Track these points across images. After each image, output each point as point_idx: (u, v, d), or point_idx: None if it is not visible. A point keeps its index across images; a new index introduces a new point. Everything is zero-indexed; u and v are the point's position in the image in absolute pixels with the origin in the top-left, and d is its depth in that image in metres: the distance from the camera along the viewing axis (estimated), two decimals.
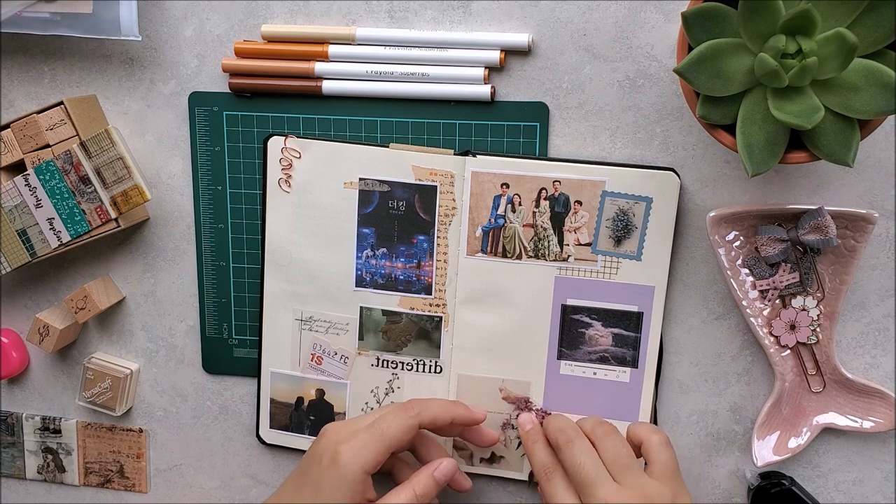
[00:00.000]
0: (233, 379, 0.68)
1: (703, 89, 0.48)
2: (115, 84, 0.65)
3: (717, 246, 0.58)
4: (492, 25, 0.60)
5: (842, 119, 0.47)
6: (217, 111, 0.64)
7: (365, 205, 0.62)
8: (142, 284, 0.68)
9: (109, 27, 0.60)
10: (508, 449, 0.64)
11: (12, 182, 0.61)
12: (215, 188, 0.65)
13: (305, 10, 0.61)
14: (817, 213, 0.55)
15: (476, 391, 0.64)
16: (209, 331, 0.67)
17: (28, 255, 0.63)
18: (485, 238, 0.61)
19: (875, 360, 0.60)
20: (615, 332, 0.61)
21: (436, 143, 0.62)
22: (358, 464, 0.54)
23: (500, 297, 0.62)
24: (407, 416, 0.57)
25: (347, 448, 0.55)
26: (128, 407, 0.69)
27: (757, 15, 0.45)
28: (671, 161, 0.60)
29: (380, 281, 0.63)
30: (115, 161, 0.60)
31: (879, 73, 0.45)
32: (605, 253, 0.60)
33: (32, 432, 0.71)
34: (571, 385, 0.62)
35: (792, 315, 0.59)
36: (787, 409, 0.61)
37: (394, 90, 0.61)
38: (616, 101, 0.59)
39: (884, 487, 0.62)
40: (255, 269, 0.66)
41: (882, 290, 0.59)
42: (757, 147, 0.48)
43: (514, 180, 0.60)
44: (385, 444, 0.55)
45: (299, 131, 0.63)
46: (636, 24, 0.58)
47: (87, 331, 0.69)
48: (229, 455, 0.70)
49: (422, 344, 0.64)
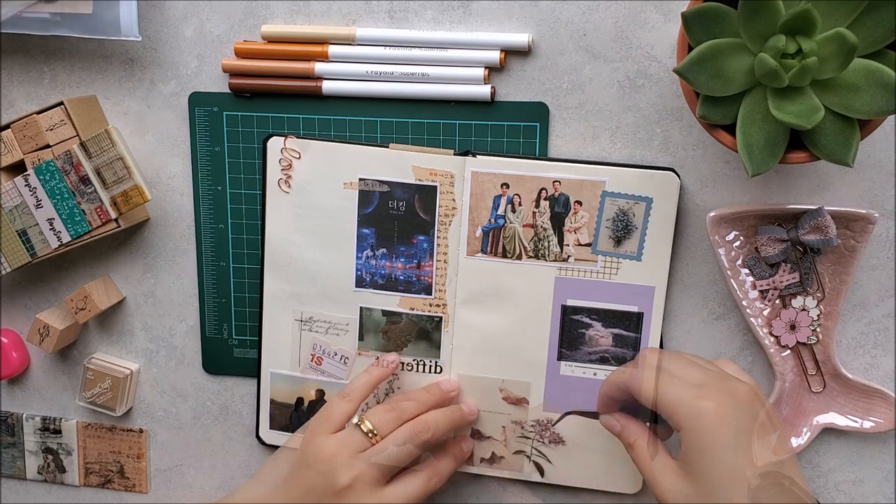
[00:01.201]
0: (233, 379, 0.68)
1: (703, 89, 0.48)
2: (115, 84, 0.65)
3: (717, 246, 0.58)
4: (492, 25, 0.60)
5: (842, 119, 0.47)
6: (217, 111, 0.64)
7: (365, 205, 0.62)
8: (142, 285, 0.68)
9: (109, 27, 0.60)
10: (508, 449, 0.64)
11: (12, 182, 0.61)
12: (215, 188, 0.65)
13: (305, 10, 0.61)
14: (817, 213, 0.55)
15: (476, 391, 0.64)
16: (209, 331, 0.67)
17: (28, 255, 0.63)
18: (485, 238, 0.61)
19: (875, 360, 0.60)
20: (615, 332, 0.61)
21: (436, 143, 0.62)
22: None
23: (500, 297, 0.62)
24: (417, 442, 0.58)
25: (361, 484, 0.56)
26: (128, 407, 0.69)
27: (757, 15, 0.45)
28: (671, 161, 0.60)
29: (380, 281, 0.63)
30: (115, 161, 0.60)
31: (879, 73, 0.45)
32: (605, 253, 0.60)
33: (33, 432, 0.71)
34: (572, 385, 0.62)
35: (792, 315, 0.59)
36: (788, 409, 0.61)
37: (394, 90, 0.61)
38: (616, 101, 0.59)
39: (884, 487, 0.62)
40: (255, 270, 0.66)
41: (882, 290, 0.59)
42: (757, 147, 0.48)
43: (514, 180, 0.60)
44: (391, 470, 0.57)
45: (299, 131, 0.63)
46: (636, 24, 0.58)
47: (88, 331, 0.69)
48: (229, 455, 0.70)
49: (422, 344, 0.64)
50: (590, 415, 0.57)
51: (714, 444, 0.46)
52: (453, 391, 0.63)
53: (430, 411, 0.60)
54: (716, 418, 0.46)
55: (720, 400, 0.47)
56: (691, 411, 0.47)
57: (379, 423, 0.58)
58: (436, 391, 0.62)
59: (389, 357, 0.63)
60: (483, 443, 0.64)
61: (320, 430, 0.58)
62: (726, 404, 0.47)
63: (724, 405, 0.47)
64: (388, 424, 0.58)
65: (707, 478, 0.46)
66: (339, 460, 0.56)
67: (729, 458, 0.46)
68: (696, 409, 0.47)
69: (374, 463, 0.56)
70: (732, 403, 0.47)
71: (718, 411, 0.46)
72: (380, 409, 0.59)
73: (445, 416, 0.60)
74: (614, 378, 0.53)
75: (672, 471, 0.49)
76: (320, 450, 0.57)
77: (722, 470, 0.46)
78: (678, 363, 0.51)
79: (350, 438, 0.57)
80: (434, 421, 0.59)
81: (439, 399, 0.62)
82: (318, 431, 0.58)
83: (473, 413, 0.63)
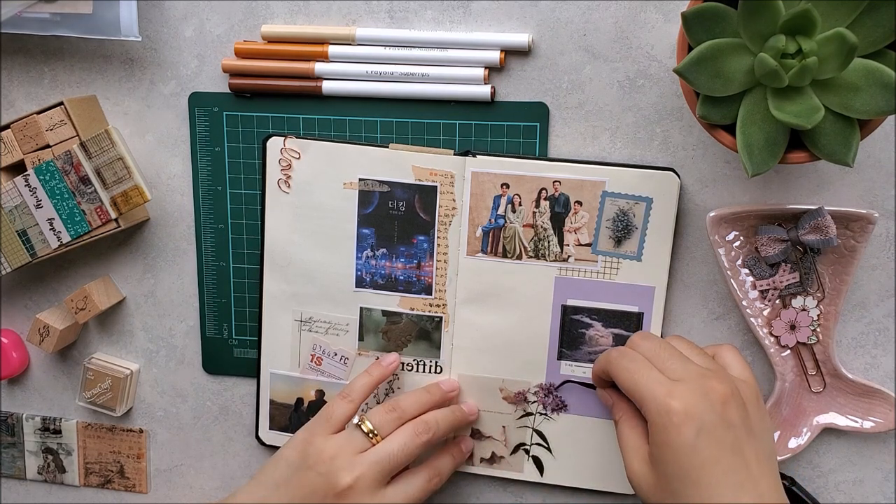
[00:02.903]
0: (233, 379, 0.68)
1: (703, 89, 0.48)
2: (115, 84, 0.65)
3: (717, 246, 0.58)
4: (492, 25, 0.60)
5: (842, 119, 0.47)
6: (217, 111, 0.64)
7: (365, 205, 0.62)
8: (142, 285, 0.68)
9: (109, 27, 0.60)
10: (508, 449, 0.64)
11: (12, 182, 0.61)
12: (215, 188, 0.65)
13: (305, 11, 0.61)
14: (817, 213, 0.55)
15: (476, 391, 0.64)
16: (209, 331, 0.67)
17: (28, 255, 0.63)
18: (485, 238, 0.61)
19: (875, 360, 0.60)
20: (615, 332, 0.61)
21: (436, 143, 0.62)
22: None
23: (500, 297, 0.62)
24: (418, 443, 0.58)
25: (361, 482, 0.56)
26: (128, 407, 0.69)
27: (757, 15, 0.45)
28: (671, 161, 0.60)
29: (380, 281, 0.63)
30: (115, 161, 0.60)
31: (879, 73, 0.45)
32: (605, 253, 0.60)
33: (32, 433, 0.71)
34: (572, 385, 0.62)
35: (792, 315, 0.59)
36: (788, 410, 0.61)
37: (394, 90, 0.61)
38: (616, 101, 0.59)
39: (884, 487, 0.62)
40: (255, 270, 0.66)
41: (882, 290, 0.59)
42: (757, 147, 0.48)
43: (514, 180, 0.60)
44: (391, 471, 0.57)
45: (299, 131, 0.63)
46: (636, 24, 0.58)
47: (88, 331, 0.69)
48: (229, 455, 0.70)
49: (422, 344, 0.64)
50: (588, 385, 0.61)
51: (675, 442, 0.47)
52: (453, 391, 0.63)
53: (430, 411, 0.60)
54: (680, 418, 0.47)
55: (690, 400, 0.47)
56: (659, 407, 0.48)
57: (379, 424, 0.58)
58: (436, 391, 0.62)
59: (389, 358, 0.63)
60: (483, 443, 0.64)
61: (320, 430, 0.58)
62: (695, 404, 0.47)
63: (693, 405, 0.47)
64: (388, 425, 0.58)
65: (664, 471, 0.48)
66: (339, 461, 0.56)
67: (686, 457, 0.47)
68: (664, 406, 0.48)
69: (374, 463, 0.56)
70: (702, 405, 0.47)
71: (685, 411, 0.47)
72: (380, 410, 0.59)
73: (446, 417, 0.60)
74: (601, 361, 0.55)
75: (641, 455, 0.50)
76: (321, 451, 0.57)
77: (678, 468, 0.47)
78: (663, 353, 0.52)
79: (351, 439, 0.57)
80: (434, 421, 0.59)
81: (439, 399, 0.62)
82: (318, 432, 0.58)
83: (474, 413, 0.63)
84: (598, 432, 0.63)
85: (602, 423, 0.63)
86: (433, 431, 0.59)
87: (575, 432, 0.63)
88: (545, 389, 0.63)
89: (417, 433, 0.58)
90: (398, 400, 0.60)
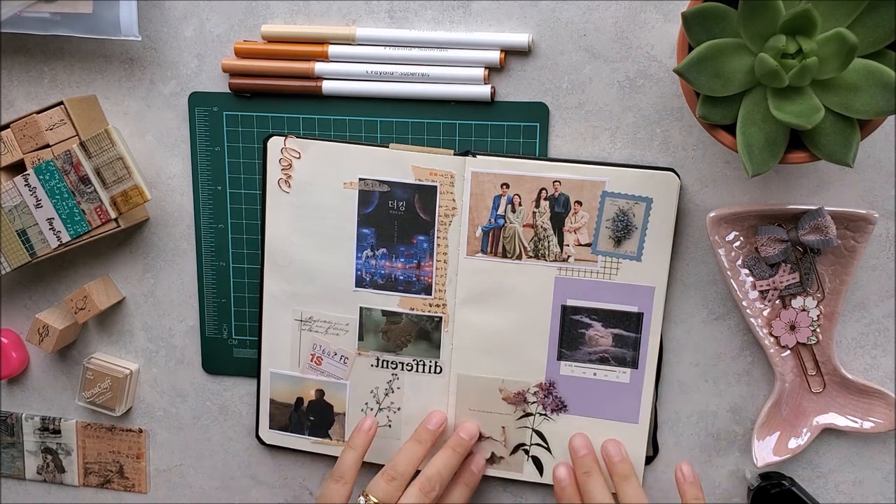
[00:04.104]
0: (233, 379, 0.68)
1: (703, 89, 0.48)
2: (115, 84, 0.65)
3: (717, 246, 0.58)
4: (492, 25, 0.60)
5: (842, 119, 0.47)
6: (217, 111, 0.64)
7: (365, 205, 0.62)
8: (142, 284, 0.68)
9: (109, 27, 0.60)
10: (508, 449, 0.64)
11: (12, 182, 0.61)
12: (215, 188, 0.65)
13: (305, 10, 0.61)
14: (817, 214, 0.55)
15: (476, 391, 0.64)
16: (209, 331, 0.67)
17: (28, 255, 0.63)
18: (485, 238, 0.61)
19: (875, 361, 0.60)
20: (615, 332, 0.61)
21: (436, 143, 0.62)
22: None
23: (500, 297, 0.62)
24: (428, 501, 0.58)
25: None
26: (127, 407, 0.69)
27: (757, 15, 0.45)
28: (671, 161, 0.60)
29: (380, 281, 0.63)
30: (115, 161, 0.60)
31: (879, 73, 0.45)
32: (605, 253, 0.60)
33: (32, 432, 0.71)
34: (572, 386, 0.62)
35: (792, 315, 0.59)
36: (787, 410, 0.60)
37: (394, 90, 0.61)
38: (616, 101, 0.59)
39: (884, 488, 0.62)
40: (255, 270, 0.66)
41: (882, 290, 0.59)
42: (757, 147, 0.48)
43: (514, 180, 0.60)
44: None
45: (299, 131, 0.63)
46: (636, 24, 0.58)
47: (87, 331, 0.69)
48: (229, 455, 0.70)
49: (422, 344, 0.64)
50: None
51: None
52: (441, 426, 0.62)
53: (430, 463, 0.60)
54: None
55: None
56: None
57: (384, 496, 0.58)
58: (426, 437, 0.61)
59: (367, 423, 0.61)
60: (483, 443, 0.64)
61: None
62: None
63: None
64: (393, 494, 0.58)
65: None
66: None
67: None
68: None
69: None
70: None
71: None
72: (380, 482, 0.58)
73: (447, 463, 0.60)
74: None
75: None
76: None
77: None
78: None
79: None
80: (437, 473, 0.59)
81: (432, 444, 0.61)
82: None
83: (474, 436, 0.62)
84: (597, 433, 0.63)
85: (602, 424, 0.63)
86: (439, 485, 0.59)
87: (574, 432, 0.63)
88: (545, 389, 0.63)
89: (425, 492, 0.58)
90: (394, 465, 0.59)
